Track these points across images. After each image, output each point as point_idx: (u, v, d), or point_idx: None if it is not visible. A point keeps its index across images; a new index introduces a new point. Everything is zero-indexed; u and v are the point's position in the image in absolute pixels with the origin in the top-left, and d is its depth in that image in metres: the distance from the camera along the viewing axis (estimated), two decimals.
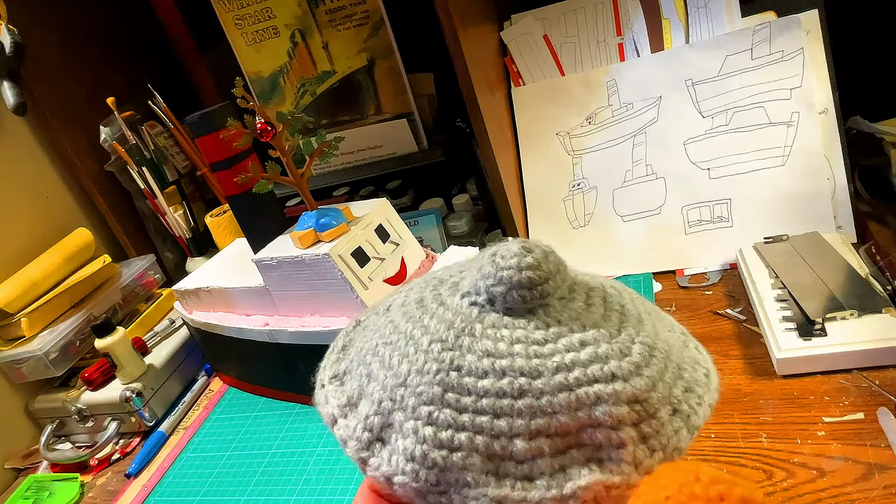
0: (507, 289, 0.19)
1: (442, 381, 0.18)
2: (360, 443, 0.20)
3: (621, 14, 0.82)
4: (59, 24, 0.97)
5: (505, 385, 0.18)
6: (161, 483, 0.72)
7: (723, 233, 0.74)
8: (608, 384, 0.17)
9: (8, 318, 0.84)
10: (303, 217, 0.67)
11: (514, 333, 0.19)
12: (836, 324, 0.56)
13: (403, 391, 0.19)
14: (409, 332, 0.20)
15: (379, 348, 0.21)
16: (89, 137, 0.98)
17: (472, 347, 0.19)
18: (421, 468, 0.18)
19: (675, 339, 0.20)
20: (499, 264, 0.19)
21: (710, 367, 0.20)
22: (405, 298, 0.23)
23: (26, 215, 0.94)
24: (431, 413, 0.18)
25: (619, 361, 0.18)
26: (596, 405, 0.17)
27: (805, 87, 0.72)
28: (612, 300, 0.20)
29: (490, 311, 0.20)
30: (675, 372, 0.19)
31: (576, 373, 0.17)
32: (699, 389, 0.19)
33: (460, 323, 0.19)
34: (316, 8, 0.87)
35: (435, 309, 0.21)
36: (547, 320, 0.19)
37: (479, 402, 0.18)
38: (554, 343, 0.18)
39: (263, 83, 0.95)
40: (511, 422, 0.17)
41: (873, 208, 0.72)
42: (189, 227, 1.02)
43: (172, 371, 0.85)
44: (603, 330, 0.19)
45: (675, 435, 0.18)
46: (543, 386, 0.17)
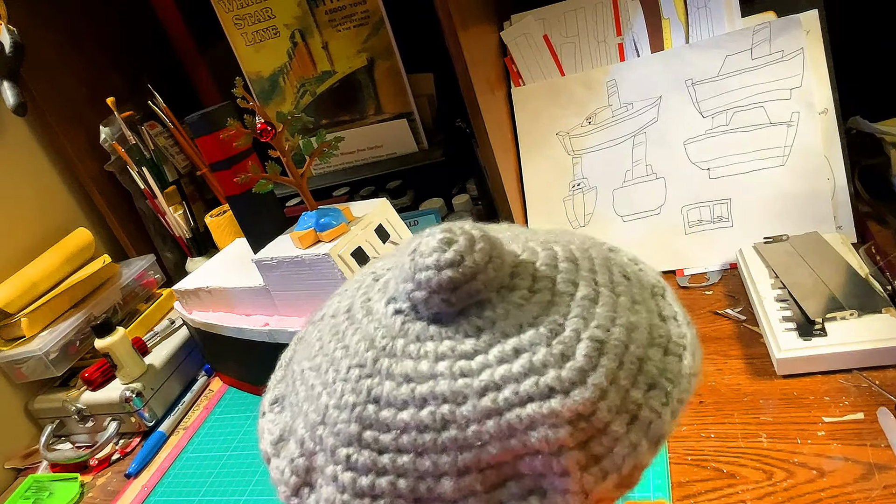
0: (428, 294, 0.17)
1: (359, 416, 0.16)
2: (289, 488, 0.19)
3: (621, 14, 0.82)
4: (59, 24, 0.97)
5: (425, 417, 0.16)
6: (161, 483, 0.72)
7: (723, 233, 0.74)
8: (543, 402, 0.15)
9: (8, 318, 0.84)
10: (303, 217, 0.67)
11: (440, 347, 0.16)
12: (836, 324, 0.56)
13: (323, 430, 0.17)
14: (332, 354, 0.18)
15: (305, 373, 0.19)
16: (89, 137, 0.98)
17: (391, 372, 0.17)
18: None
19: (642, 317, 0.17)
20: (416, 264, 0.17)
21: (689, 345, 0.18)
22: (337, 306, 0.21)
23: (26, 215, 0.94)
24: (350, 456, 0.17)
25: (558, 371, 0.15)
26: (530, 430, 0.15)
27: (805, 87, 0.72)
28: (563, 278, 0.17)
29: (415, 319, 0.17)
30: (634, 367, 0.16)
31: (506, 392, 0.15)
32: (667, 384, 0.16)
33: (381, 340, 0.17)
34: (316, 8, 0.87)
35: (360, 320, 0.18)
36: (479, 323, 0.17)
37: (399, 440, 0.16)
38: (485, 354, 0.16)
39: (263, 83, 0.95)
40: (436, 459, 0.15)
41: (873, 208, 0.72)
42: (189, 227, 1.02)
43: (172, 371, 0.85)
44: (542, 328, 0.16)
45: (634, 450, 0.15)
46: (469, 413, 0.15)
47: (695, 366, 0.17)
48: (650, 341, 0.17)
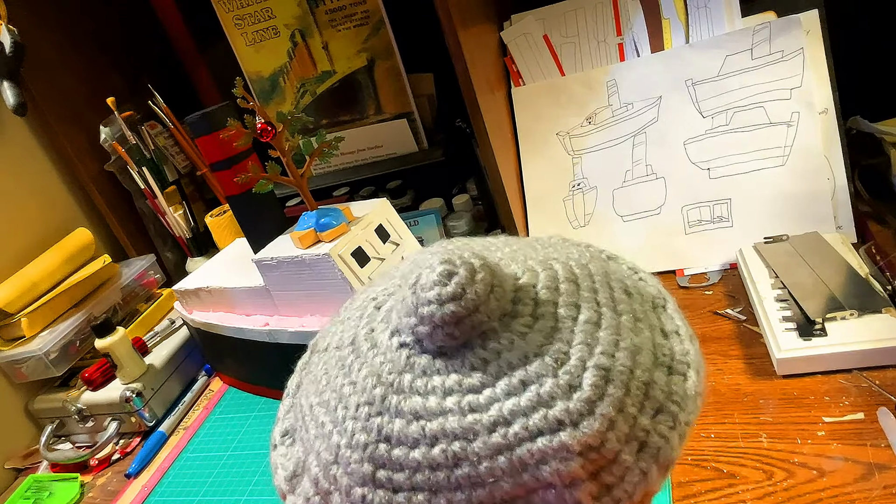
0: (432, 328, 0.17)
1: (371, 456, 0.17)
2: None
3: (621, 14, 0.82)
4: (59, 24, 0.97)
5: (438, 455, 0.16)
6: (161, 483, 0.72)
7: (723, 233, 0.74)
8: (554, 436, 0.15)
9: (8, 318, 0.84)
10: (303, 217, 0.67)
11: (447, 381, 0.17)
12: (836, 324, 0.56)
13: (336, 469, 0.17)
14: (340, 390, 0.18)
15: (315, 409, 0.19)
16: (89, 137, 0.98)
17: (401, 409, 0.17)
18: None
19: (645, 336, 0.17)
20: (419, 298, 0.17)
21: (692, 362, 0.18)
22: (341, 336, 0.21)
23: (26, 215, 0.94)
24: (365, 496, 0.17)
25: (566, 402, 0.15)
26: (542, 464, 0.15)
27: (805, 87, 0.72)
28: (565, 301, 0.18)
29: (420, 352, 0.17)
30: (640, 392, 0.16)
31: (515, 427, 0.15)
32: (673, 407, 0.17)
33: (388, 375, 0.17)
34: (316, 8, 0.87)
35: (366, 353, 0.19)
36: (484, 355, 0.17)
37: (413, 478, 0.16)
38: (492, 388, 0.16)
39: (263, 83, 0.95)
40: (450, 497, 0.16)
41: (873, 208, 0.72)
42: (189, 227, 1.02)
43: (172, 371, 0.85)
44: (548, 358, 0.16)
45: (644, 478, 0.15)
46: (480, 450, 0.15)
47: (699, 384, 0.18)
48: (654, 362, 0.17)
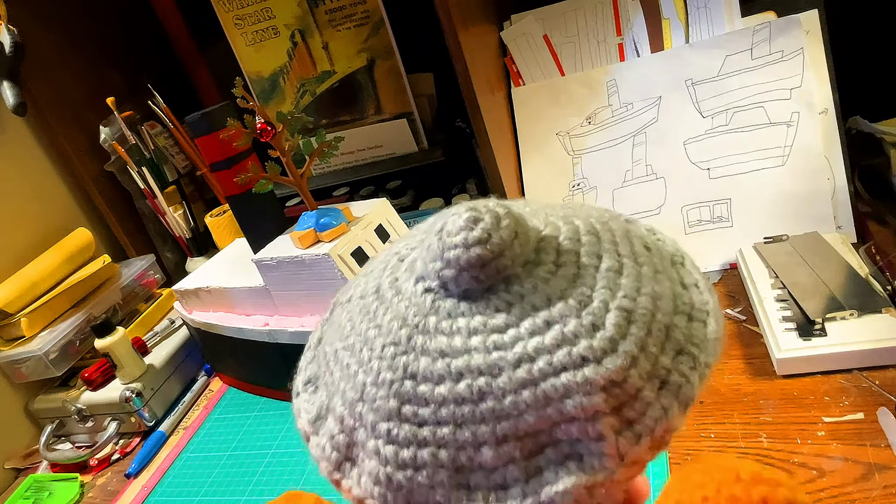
0: (458, 271, 0.17)
1: (397, 392, 0.17)
2: (331, 464, 0.19)
3: (621, 14, 0.82)
4: (59, 24, 0.97)
5: (463, 390, 0.16)
6: (161, 483, 0.72)
7: (723, 233, 0.74)
8: (577, 371, 0.15)
9: (8, 318, 0.84)
10: (303, 217, 0.67)
11: (472, 322, 0.17)
12: (836, 324, 0.56)
13: (362, 407, 0.18)
14: (365, 334, 0.19)
15: (339, 353, 0.20)
16: (89, 137, 0.98)
17: (426, 348, 0.17)
18: (388, 491, 0.17)
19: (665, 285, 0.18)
20: (445, 243, 0.17)
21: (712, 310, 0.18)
22: (364, 287, 0.21)
23: (26, 215, 0.94)
24: (390, 431, 0.17)
25: (589, 340, 0.16)
26: (566, 398, 0.15)
27: (805, 87, 0.72)
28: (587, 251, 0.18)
29: (445, 296, 0.18)
30: (661, 334, 0.16)
31: (540, 363, 0.16)
32: (693, 349, 0.17)
33: (413, 318, 0.18)
34: (316, 8, 0.87)
35: (390, 299, 0.19)
36: (508, 298, 0.17)
37: (438, 413, 0.16)
38: (516, 327, 0.16)
39: (263, 83, 0.95)
40: (475, 429, 0.16)
41: (873, 208, 0.72)
42: (189, 227, 1.02)
43: (172, 371, 0.85)
44: (571, 301, 0.16)
45: (665, 414, 0.16)
46: (505, 385, 0.16)
47: (719, 330, 0.18)
48: (675, 309, 0.17)
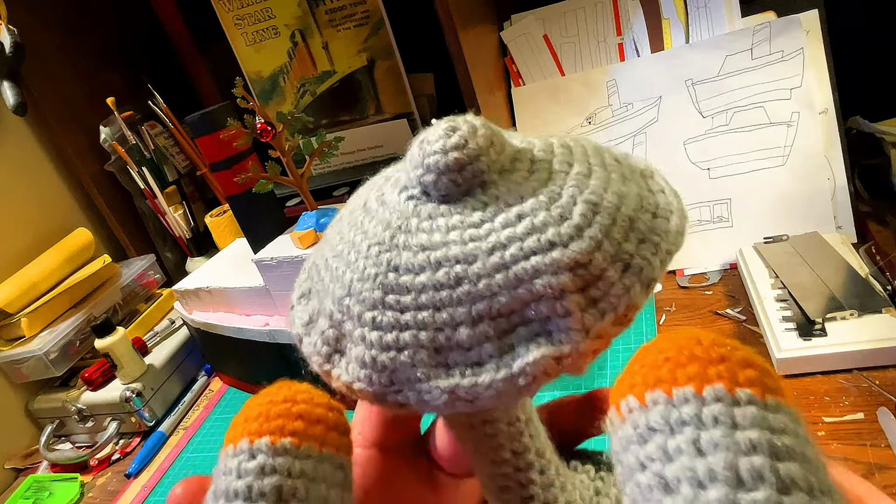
0: (437, 175, 0.18)
1: (381, 284, 0.18)
2: (321, 357, 0.20)
3: (621, 14, 0.82)
4: (60, 24, 0.97)
5: (441, 276, 0.17)
6: (161, 483, 0.72)
7: (723, 233, 0.74)
8: (546, 254, 0.16)
9: (8, 318, 0.84)
10: (303, 217, 0.67)
11: (450, 221, 0.18)
12: (836, 324, 0.56)
13: (349, 300, 0.19)
14: (352, 240, 0.20)
15: (329, 261, 0.21)
16: (89, 137, 0.98)
17: (408, 244, 0.18)
18: (373, 372, 0.18)
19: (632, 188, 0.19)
20: (424, 150, 0.19)
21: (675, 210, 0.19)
22: (353, 204, 0.22)
23: (26, 215, 0.94)
24: (375, 318, 0.18)
25: (557, 228, 0.17)
26: (535, 278, 0.16)
27: (805, 87, 0.72)
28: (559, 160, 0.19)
29: (426, 201, 0.19)
30: (625, 225, 0.17)
31: (511, 249, 0.17)
32: (656, 238, 0.18)
33: (396, 221, 0.19)
34: (316, 8, 0.87)
35: (376, 210, 0.20)
36: (484, 199, 0.18)
37: (418, 299, 0.18)
38: (490, 222, 0.18)
39: (263, 83, 0.95)
40: (452, 312, 0.17)
41: (873, 208, 0.72)
42: (189, 227, 1.02)
43: (172, 371, 0.85)
44: (542, 197, 0.18)
45: (628, 293, 0.17)
46: (480, 270, 0.17)
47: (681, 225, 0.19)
48: (640, 207, 0.18)
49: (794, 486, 0.12)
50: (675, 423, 0.13)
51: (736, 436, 0.12)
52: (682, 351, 0.14)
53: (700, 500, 0.12)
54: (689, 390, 0.13)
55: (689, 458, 0.13)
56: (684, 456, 0.13)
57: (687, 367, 0.14)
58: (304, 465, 0.18)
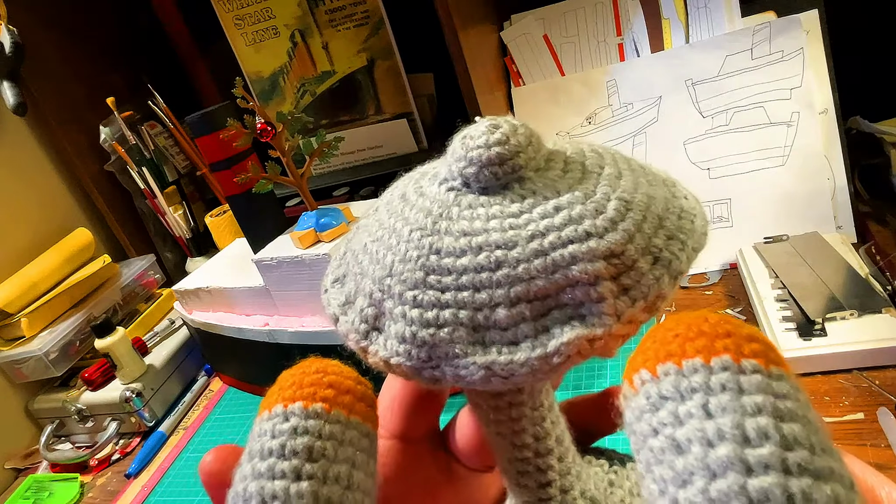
0: (479, 168, 0.19)
1: (423, 265, 0.19)
2: (359, 334, 0.21)
3: (621, 14, 0.82)
4: (59, 24, 0.97)
5: (482, 260, 0.18)
6: (161, 483, 0.72)
7: (723, 233, 0.74)
8: (582, 243, 0.18)
9: (8, 318, 0.84)
10: (303, 217, 0.67)
11: (490, 210, 0.19)
12: (836, 324, 0.56)
13: (390, 280, 0.20)
14: (392, 226, 0.21)
15: (368, 246, 0.22)
16: (89, 137, 0.98)
17: (450, 230, 0.19)
18: (412, 347, 0.19)
19: (658, 192, 0.20)
20: (468, 145, 0.20)
21: (699, 214, 0.20)
22: (390, 196, 0.23)
23: (26, 215, 0.94)
24: (416, 296, 0.19)
25: (593, 220, 0.18)
26: (572, 265, 0.17)
27: (805, 87, 0.72)
28: (591, 162, 0.20)
29: (466, 193, 0.20)
30: (655, 222, 0.19)
31: (550, 237, 0.18)
32: (682, 236, 0.19)
33: (437, 209, 0.20)
34: (316, 8, 0.87)
35: (415, 200, 0.21)
36: (522, 192, 0.19)
37: (459, 280, 0.18)
38: (529, 213, 0.19)
39: (263, 83, 0.95)
40: (491, 293, 0.18)
41: (873, 208, 0.72)
42: (189, 227, 1.02)
43: (172, 371, 0.85)
44: (578, 192, 0.19)
45: (657, 283, 0.18)
46: (519, 255, 0.18)
47: (705, 226, 0.20)
48: (666, 208, 0.20)
49: (797, 443, 0.12)
50: (685, 391, 0.14)
51: (742, 400, 0.13)
52: (691, 328, 0.15)
53: (710, 457, 0.13)
54: (697, 361, 0.14)
55: (698, 421, 0.13)
56: (694, 419, 0.13)
57: (696, 341, 0.15)
58: (333, 429, 0.19)
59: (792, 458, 0.12)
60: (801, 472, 0.12)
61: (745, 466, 0.12)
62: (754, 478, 0.12)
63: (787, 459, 0.12)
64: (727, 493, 0.12)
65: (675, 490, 0.13)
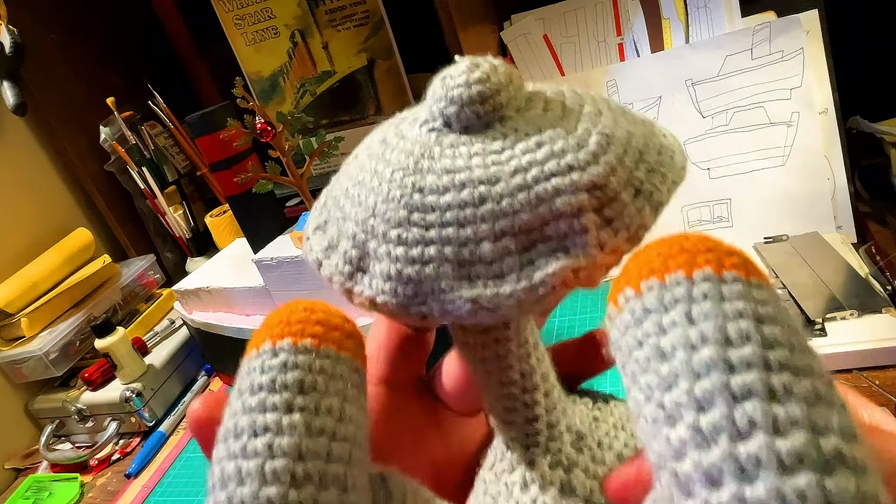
0: (460, 107, 0.19)
1: (406, 203, 0.19)
2: (343, 276, 0.21)
3: (621, 14, 0.82)
4: (59, 24, 0.97)
5: (466, 196, 0.18)
6: (161, 483, 0.72)
7: (723, 233, 0.74)
8: (565, 176, 0.18)
9: (8, 318, 0.84)
10: (303, 217, 0.67)
11: (472, 149, 0.19)
12: (836, 324, 0.56)
13: (373, 221, 0.20)
14: (373, 168, 0.21)
15: (349, 190, 0.22)
16: (89, 137, 0.98)
17: (433, 168, 0.19)
18: (398, 285, 0.19)
19: (638, 130, 0.20)
20: (448, 84, 0.20)
21: (677, 150, 0.21)
22: (370, 142, 0.23)
23: (26, 215, 0.94)
24: (400, 235, 0.19)
25: (575, 154, 0.18)
26: (555, 197, 0.18)
27: (805, 87, 0.72)
28: (571, 102, 0.20)
29: (448, 133, 0.20)
30: (635, 156, 0.19)
31: (533, 172, 0.18)
32: (663, 170, 0.19)
33: (419, 150, 0.20)
34: (316, 8, 0.87)
35: (396, 143, 0.21)
36: (504, 131, 0.19)
37: (443, 217, 0.18)
38: (511, 149, 0.19)
39: (263, 83, 0.95)
40: (476, 228, 0.18)
41: (873, 208, 0.72)
42: (189, 227, 1.02)
43: (172, 371, 0.85)
44: (559, 129, 0.19)
45: (639, 214, 0.18)
46: (502, 190, 0.18)
47: (683, 162, 0.20)
48: (646, 144, 0.20)
49: (777, 343, 0.13)
50: (668, 303, 0.14)
51: (724, 306, 0.14)
52: (673, 246, 0.16)
53: (693, 360, 0.13)
54: (680, 274, 0.15)
55: (682, 328, 0.14)
56: (678, 327, 0.14)
57: (677, 257, 0.15)
58: (323, 363, 0.19)
59: (772, 356, 0.13)
60: (782, 369, 0.13)
61: (728, 365, 0.13)
62: (737, 375, 0.13)
63: (768, 358, 0.13)
64: (711, 392, 0.13)
65: (660, 394, 0.13)
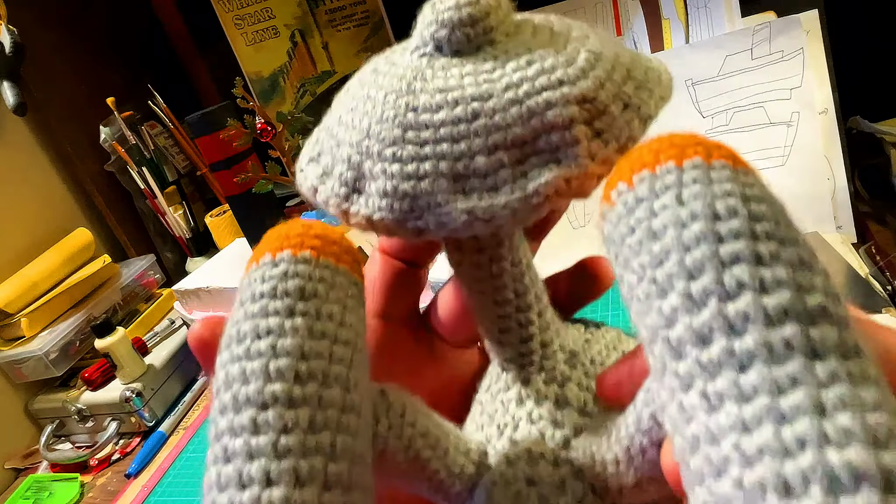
0: (450, 30, 0.20)
1: (401, 123, 0.19)
2: (339, 198, 0.21)
3: (621, 14, 0.82)
4: (59, 24, 0.97)
5: (459, 112, 0.19)
6: (161, 483, 0.72)
7: None
8: (556, 90, 0.18)
9: (8, 318, 0.84)
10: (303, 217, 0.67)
11: (463, 69, 0.19)
12: None
13: (368, 142, 0.20)
14: (366, 94, 0.21)
15: (342, 117, 0.22)
16: (89, 137, 0.98)
17: (425, 88, 0.19)
18: (394, 200, 0.19)
19: (625, 52, 0.21)
20: (437, 8, 0.20)
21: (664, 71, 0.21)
22: (361, 73, 0.23)
23: (26, 215, 0.94)
24: (395, 153, 0.19)
25: (564, 69, 0.19)
26: (546, 110, 0.18)
27: (805, 87, 0.72)
28: (559, 27, 0.21)
29: (439, 56, 0.20)
30: (623, 73, 0.20)
31: (524, 87, 0.18)
32: (650, 85, 0.20)
33: (411, 73, 0.20)
34: (316, 8, 0.87)
35: (387, 70, 0.21)
36: (494, 52, 0.20)
37: (437, 133, 0.19)
38: (502, 68, 0.19)
39: (263, 83, 0.95)
40: (469, 143, 0.18)
41: (873, 208, 0.72)
42: (189, 227, 1.02)
43: (172, 371, 0.85)
44: (549, 48, 0.19)
45: (628, 126, 0.19)
46: (495, 105, 0.18)
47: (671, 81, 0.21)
48: (633, 63, 0.20)
49: (764, 217, 0.14)
50: (659, 190, 0.15)
51: (712, 187, 0.14)
52: (663, 142, 0.16)
53: (683, 235, 0.14)
54: (671, 164, 0.15)
55: (672, 210, 0.14)
56: (668, 209, 0.14)
57: (668, 150, 0.16)
58: (322, 273, 0.19)
59: (759, 227, 0.13)
60: (769, 238, 0.13)
61: (717, 237, 0.13)
62: (725, 244, 0.13)
63: (755, 228, 0.13)
64: (701, 261, 0.13)
65: (652, 271, 0.14)
